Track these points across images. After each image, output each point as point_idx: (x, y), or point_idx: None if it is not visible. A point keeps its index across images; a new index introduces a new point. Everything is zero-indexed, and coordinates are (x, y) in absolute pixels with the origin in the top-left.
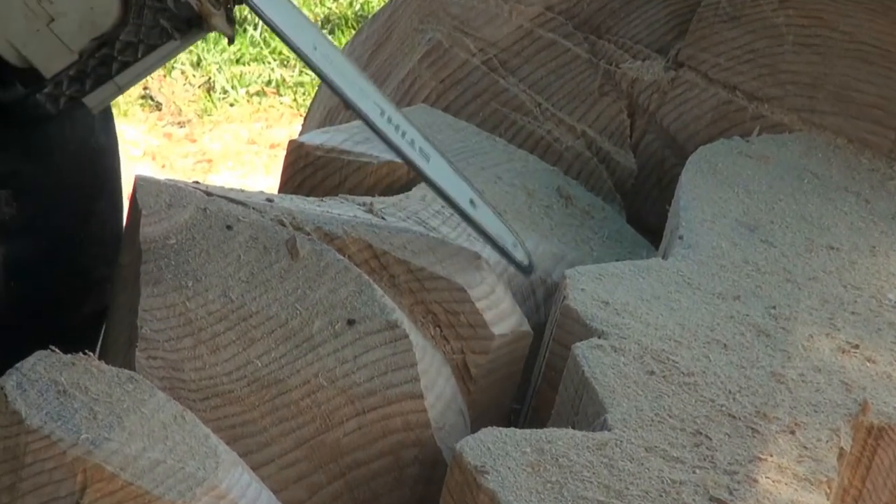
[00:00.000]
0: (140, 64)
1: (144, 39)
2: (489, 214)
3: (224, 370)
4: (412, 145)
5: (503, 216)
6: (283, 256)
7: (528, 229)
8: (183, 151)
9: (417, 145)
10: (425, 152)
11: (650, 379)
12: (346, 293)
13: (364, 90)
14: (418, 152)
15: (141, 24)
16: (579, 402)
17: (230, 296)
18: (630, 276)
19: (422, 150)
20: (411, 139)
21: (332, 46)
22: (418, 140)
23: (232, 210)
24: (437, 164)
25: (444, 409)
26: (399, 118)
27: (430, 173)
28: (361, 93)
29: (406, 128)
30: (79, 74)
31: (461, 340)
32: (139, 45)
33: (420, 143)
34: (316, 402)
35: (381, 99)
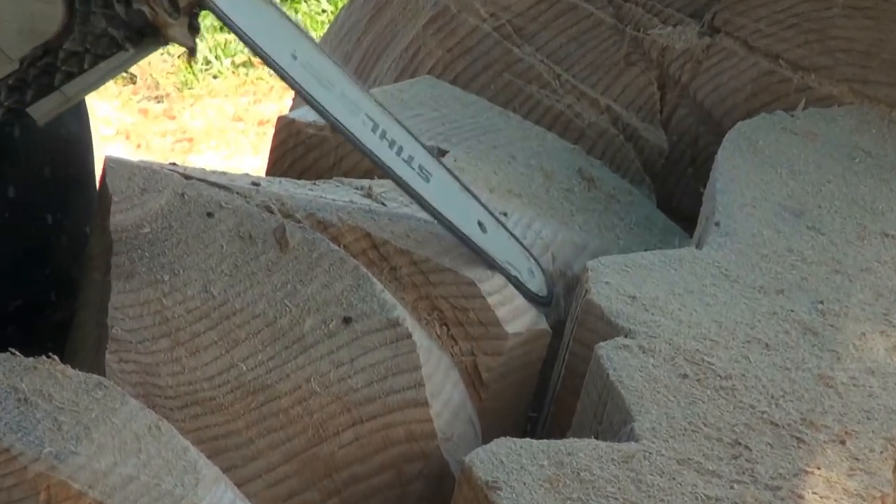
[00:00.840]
0: (89, 75)
1: (91, 49)
2: (501, 238)
3: (205, 375)
4: (409, 163)
5: (519, 240)
6: (271, 247)
7: (545, 216)
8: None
9: (417, 162)
10: (425, 170)
11: (683, 383)
12: (341, 288)
13: (354, 101)
14: (416, 171)
15: (87, 32)
16: (603, 409)
17: (211, 291)
18: (660, 268)
19: (421, 169)
20: (409, 155)
21: (315, 51)
22: (419, 156)
23: (213, 195)
24: (439, 182)
25: (452, 417)
26: (397, 131)
27: (430, 194)
28: (350, 105)
29: (404, 141)
30: (18, 84)
31: (471, 340)
32: (85, 55)
33: (421, 160)
34: (308, 410)
35: (375, 109)
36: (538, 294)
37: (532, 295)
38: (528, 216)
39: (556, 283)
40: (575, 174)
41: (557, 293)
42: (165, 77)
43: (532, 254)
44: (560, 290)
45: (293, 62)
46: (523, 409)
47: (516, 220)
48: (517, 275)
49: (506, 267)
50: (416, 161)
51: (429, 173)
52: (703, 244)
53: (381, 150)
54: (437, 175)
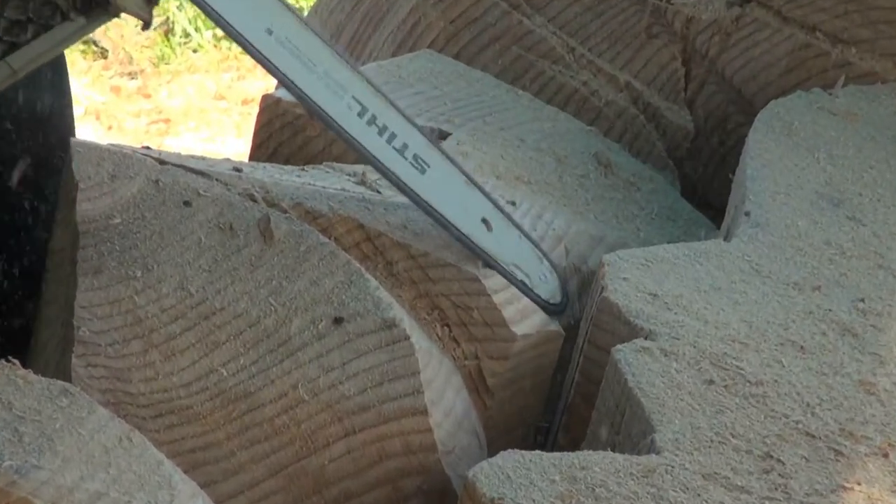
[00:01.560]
0: (35, 45)
1: (34, 18)
2: (509, 237)
3: (181, 381)
4: (402, 152)
5: (533, 239)
6: (255, 239)
7: (557, 205)
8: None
9: (411, 151)
10: (421, 160)
11: (709, 389)
12: (331, 285)
13: (339, 83)
14: (410, 161)
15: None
16: (621, 418)
17: (188, 288)
18: (684, 263)
19: (416, 159)
20: (402, 144)
21: (297, 25)
22: (414, 143)
23: (191, 182)
24: (438, 174)
25: (454, 427)
26: (389, 116)
27: (425, 188)
28: (334, 87)
29: (397, 127)
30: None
31: (475, 343)
32: (28, 24)
33: (416, 148)
34: (295, 419)
35: (364, 91)
36: (549, 300)
37: (542, 301)
38: (538, 205)
39: (570, 284)
40: (590, 159)
41: (573, 297)
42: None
43: (547, 255)
44: (574, 288)
45: (268, 38)
46: (533, 419)
47: (525, 209)
48: (525, 279)
49: (511, 270)
50: (410, 150)
51: (425, 164)
52: (732, 236)
53: (367, 137)
54: (436, 166)
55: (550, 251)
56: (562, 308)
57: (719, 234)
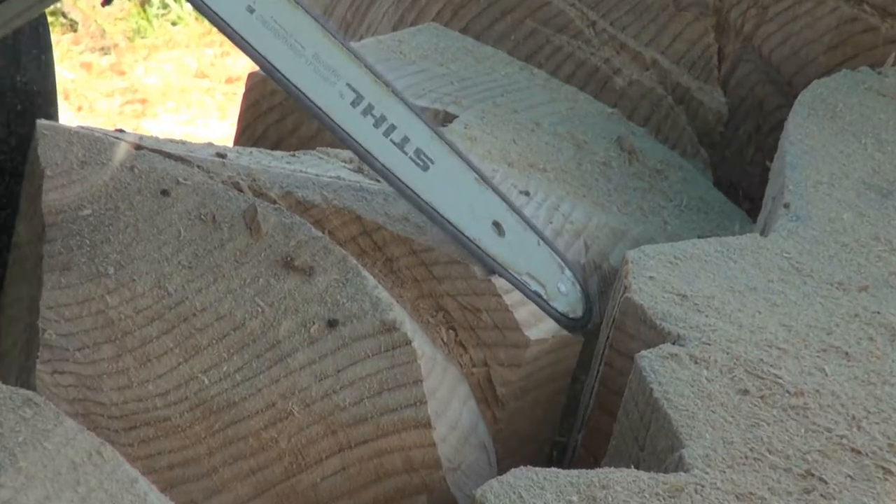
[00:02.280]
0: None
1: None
2: (525, 242)
3: (158, 389)
4: (402, 147)
5: (553, 246)
6: (240, 233)
7: (576, 195)
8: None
9: (413, 146)
10: (425, 156)
11: (743, 400)
12: (325, 283)
13: (331, 67)
14: (411, 157)
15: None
16: (646, 432)
17: (166, 287)
18: (717, 259)
19: (419, 154)
20: (403, 137)
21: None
22: (417, 137)
23: (170, 169)
24: (443, 171)
25: (461, 442)
26: (389, 105)
27: (426, 187)
28: (324, 72)
29: (398, 118)
30: None
31: (484, 348)
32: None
33: (419, 142)
34: (284, 432)
35: (361, 76)
36: (566, 314)
37: (558, 315)
38: (554, 196)
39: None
40: (613, 144)
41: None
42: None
43: (569, 264)
44: (595, 292)
45: (248, 16)
46: (548, 433)
47: (540, 200)
48: (539, 290)
49: (524, 280)
50: (411, 144)
51: (428, 160)
52: (770, 230)
53: (361, 129)
54: (441, 161)
55: (568, 247)
56: (583, 323)
57: (755, 227)
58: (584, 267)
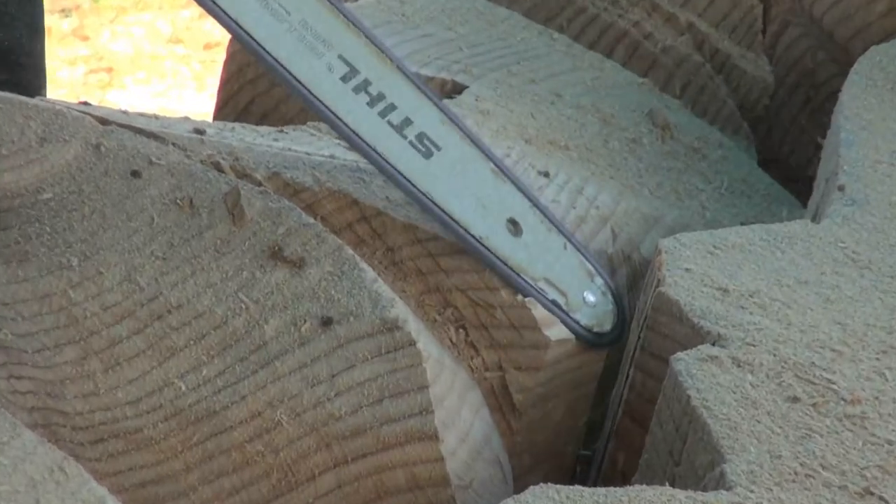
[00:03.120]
0: None
1: None
2: (546, 242)
3: (128, 396)
4: (401, 130)
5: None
6: (221, 219)
7: (602, 176)
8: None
9: (415, 129)
10: (429, 140)
11: (793, 409)
12: (317, 276)
13: (321, 35)
14: (412, 141)
15: None
16: (682, 445)
17: (137, 281)
18: (762, 249)
19: (422, 139)
20: (404, 118)
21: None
22: (420, 118)
23: (141, 147)
24: (450, 158)
25: (472, 456)
26: (389, 80)
27: (427, 179)
28: (311, 43)
29: (398, 96)
30: None
31: (498, 350)
32: None
33: (422, 125)
34: (271, 446)
35: (358, 47)
36: (590, 328)
37: (580, 329)
38: (578, 177)
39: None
40: (644, 119)
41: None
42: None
43: (602, 272)
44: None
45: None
46: (571, 445)
47: (562, 182)
48: (559, 298)
49: (540, 287)
50: (413, 127)
51: (433, 146)
52: (823, 216)
53: (353, 109)
54: (450, 149)
55: (593, 235)
56: (610, 339)
57: (806, 213)
58: (612, 258)
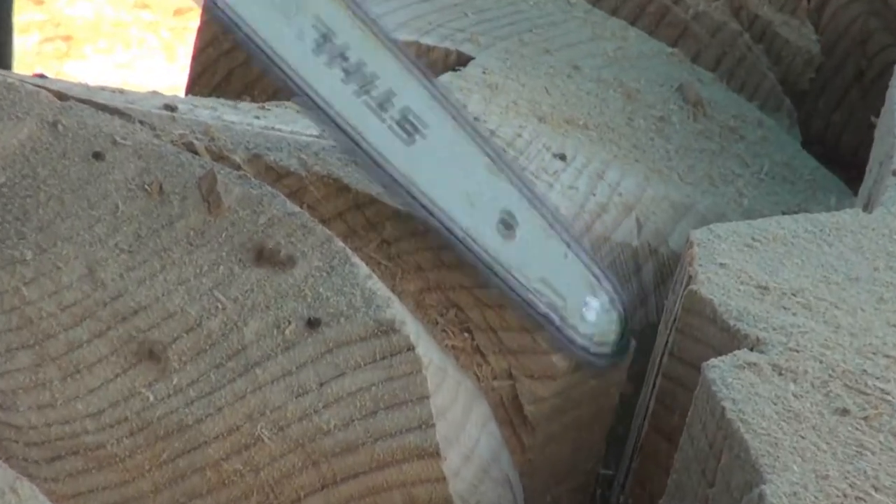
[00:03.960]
0: None
1: None
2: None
3: (89, 408)
4: (380, 109)
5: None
6: (195, 207)
7: (626, 159)
8: (22, 22)
9: (397, 107)
10: (412, 121)
11: (842, 423)
12: (303, 272)
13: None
14: (390, 122)
15: None
16: (716, 463)
17: (100, 277)
18: (807, 242)
19: (405, 118)
20: (385, 94)
21: None
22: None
23: (104, 125)
24: (436, 142)
25: (478, 476)
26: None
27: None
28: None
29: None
30: None
31: (508, 356)
32: None
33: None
34: (251, 464)
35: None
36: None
37: (575, 342)
38: (598, 160)
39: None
40: (673, 94)
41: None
42: None
43: (607, 274)
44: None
45: None
46: (590, 464)
47: (580, 166)
48: (555, 304)
49: (535, 288)
50: (395, 106)
51: (416, 127)
52: (876, 204)
53: (324, 82)
54: (435, 130)
55: (616, 224)
56: (611, 356)
57: (857, 201)
58: (637, 251)
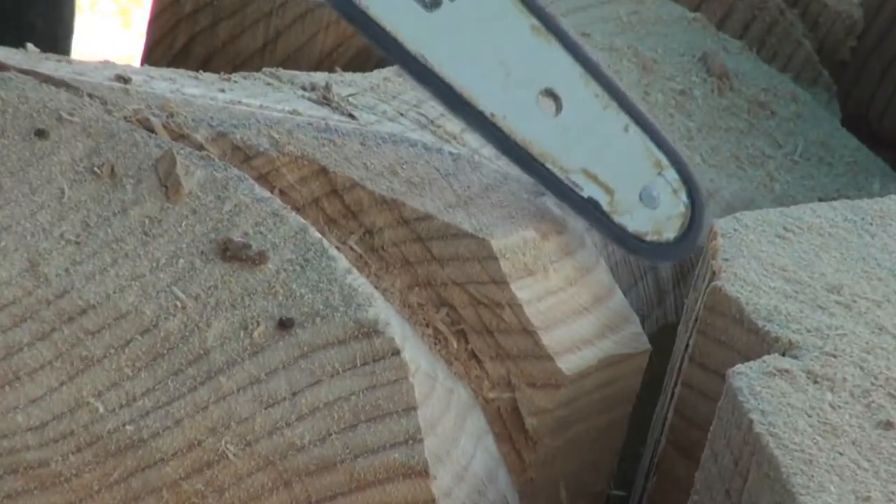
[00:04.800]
0: None
1: None
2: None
3: (31, 421)
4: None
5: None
6: (151, 192)
7: None
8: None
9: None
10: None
11: (885, 437)
12: (275, 266)
13: None
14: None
15: None
16: (742, 483)
17: (43, 272)
18: (846, 233)
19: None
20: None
21: None
22: None
23: (47, 99)
24: (467, 9)
25: (472, 497)
26: None
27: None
28: None
29: None
30: None
31: (507, 361)
32: None
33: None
34: (214, 484)
35: None
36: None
37: (625, 236)
38: None
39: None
40: (696, 65)
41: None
42: None
43: (680, 162)
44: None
45: None
46: (600, 484)
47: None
48: (602, 195)
49: (573, 181)
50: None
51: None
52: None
53: None
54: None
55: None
56: (671, 252)
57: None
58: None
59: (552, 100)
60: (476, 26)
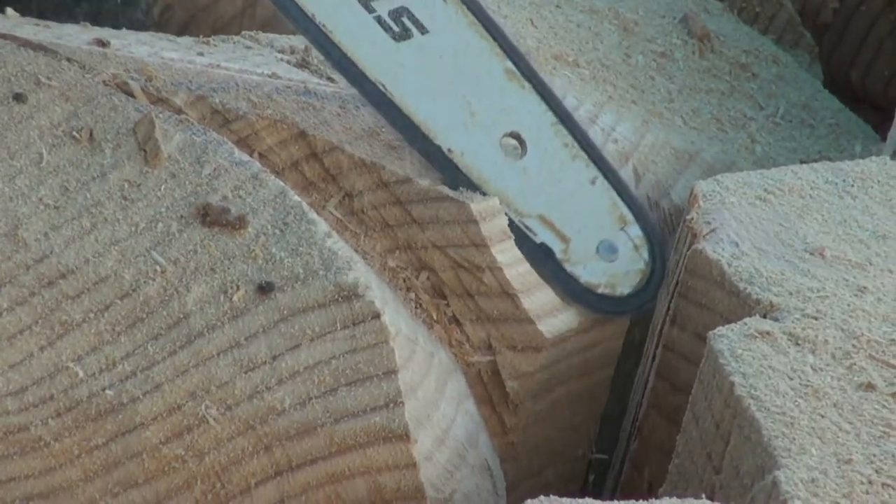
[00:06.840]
0: None
1: None
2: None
3: (11, 386)
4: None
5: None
6: (130, 156)
7: (622, 100)
8: None
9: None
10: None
11: (867, 399)
12: (255, 230)
13: None
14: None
15: None
16: (724, 446)
17: (22, 236)
18: (828, 195)
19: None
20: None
21: None
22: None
23: (25, 63)
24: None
25: (453, 461)
26: None
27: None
28: None
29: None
30: None
31: (487, 324)
32: None
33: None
34: (195, 448)
35: None
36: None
37: (575, 287)
38: (591, 101)
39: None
40: (676, 27)
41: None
42: None
43: (646, 218)
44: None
45: None
46: (581, 447)
47: (570, 108)
48: (556, 243)
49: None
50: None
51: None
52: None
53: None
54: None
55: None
56: (619, 308)
57: (885, 148)
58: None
59: (517, 143)
60: (445, 62)
